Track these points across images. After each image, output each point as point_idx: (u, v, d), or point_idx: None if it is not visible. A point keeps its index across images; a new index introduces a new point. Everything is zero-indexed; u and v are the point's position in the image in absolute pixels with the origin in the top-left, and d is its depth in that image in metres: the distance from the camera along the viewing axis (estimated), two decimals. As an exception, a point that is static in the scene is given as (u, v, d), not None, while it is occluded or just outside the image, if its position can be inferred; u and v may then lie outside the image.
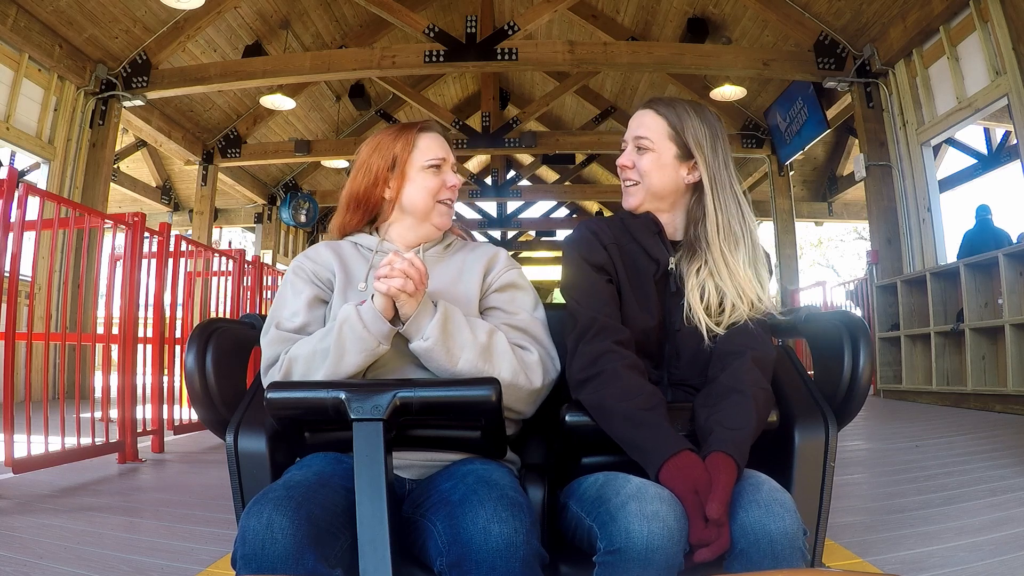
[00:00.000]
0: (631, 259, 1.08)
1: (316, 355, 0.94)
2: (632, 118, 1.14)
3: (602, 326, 1.00)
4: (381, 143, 1.12)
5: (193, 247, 3.84)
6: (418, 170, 1.10)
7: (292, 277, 1.08)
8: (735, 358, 0.98)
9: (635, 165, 1.10)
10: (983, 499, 1.98)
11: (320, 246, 1.12)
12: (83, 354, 4.70)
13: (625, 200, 1.12)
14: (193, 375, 1.02)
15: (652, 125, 1.10)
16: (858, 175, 5.95)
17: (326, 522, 0.78)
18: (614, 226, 1.12)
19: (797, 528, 0.80)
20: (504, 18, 7.27)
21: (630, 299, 1.05)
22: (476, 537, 0.77)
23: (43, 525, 1.81)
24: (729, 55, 6.15)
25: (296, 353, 0.97)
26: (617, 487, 0.84)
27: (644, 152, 1.09)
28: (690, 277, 1.06)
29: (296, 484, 0.82)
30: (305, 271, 1.08)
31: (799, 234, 9.16)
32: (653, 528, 0.77)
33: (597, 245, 1.07)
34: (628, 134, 1.12)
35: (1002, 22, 4.36)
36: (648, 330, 1.05)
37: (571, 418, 0.96)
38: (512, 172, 12.02)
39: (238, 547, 0.75)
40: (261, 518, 0.75)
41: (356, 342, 0.92)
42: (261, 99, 7.55)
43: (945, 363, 4.79)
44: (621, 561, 0.77)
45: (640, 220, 1.11)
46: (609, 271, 1.06)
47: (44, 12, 5.29)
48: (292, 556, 0.73)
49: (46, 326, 2.77)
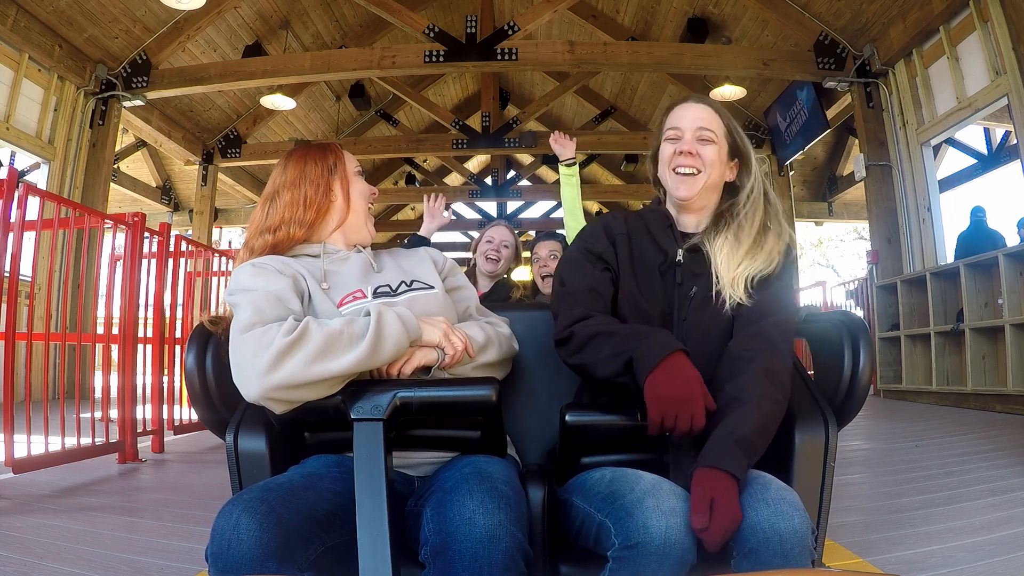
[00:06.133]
0: (639, 251, 1.10)
1: (341, 337, 0.88)
2: (681, 108, 1.14)
3: (581, 300, 1.04)
4: (307, 155, 1.14)
5: (193, 247, 3.84)
6: (353, 175, 1.16)
7: (250, 270, 1.00)
8: (744, 365, 0.96)
9: (698, 153, 1.10)
10: (983, 499, 1.98)
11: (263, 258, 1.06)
12: (83, 354, 4.70)
13: (681, 189, 1.10)
14: (193, 375, 1.02)
15: (713, 120, 1.12)
16: (858, 175, 5.95)
17: (298, 526, 0.78)
18: (631, 221, 1.14)
19: (806, 526, 0.81)
20: (504, 18, 7.27)
21: (633, 290, 1.07)
22: (461, 527, 0.77)
23: (43, 525, 1.81)
24: (729, 55, 6.15)
25: (315, 325, 0.88)
26: (630, 483, 0.85)
27: (707, 143, 1.10)
28: (715, 250, 1.07)
29: (275, 486, 0.82)
30: (264, 264, 1.02)
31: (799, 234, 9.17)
32: (671, 523, 0.78)
33: (602, 236, 1.11)
34: (684, 123, 1.12)
35: (1002, 22, 4.36)
36: (653, 319, 1.05)
37: (571, 418, 0.96)
38: (512, 172, 12.01)
39: (208, 543, 0.76)
40: (230, 518, 0.75)
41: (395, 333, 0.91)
42: (261, 99, 7.55)
43: (945, 363, 4.79)
44: (639, 556, 0.78)
45: (656, 214, 1.14)
46: (608, 260, 1.09)
47: (44, 12, 5.29)
48: (256, 558, 0.73)
49: (46, 326, 2.77)
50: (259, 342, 0.86)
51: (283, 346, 0.84)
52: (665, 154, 1.13)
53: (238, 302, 0.94)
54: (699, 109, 1.13)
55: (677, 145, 1.11)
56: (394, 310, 0.93)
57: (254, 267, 1.01)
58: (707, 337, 1.04)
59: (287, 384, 0.84)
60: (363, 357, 0.87)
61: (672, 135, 1.13)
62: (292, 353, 0.84)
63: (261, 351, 0.85)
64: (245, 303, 0.93)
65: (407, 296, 1.05)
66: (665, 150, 1.14)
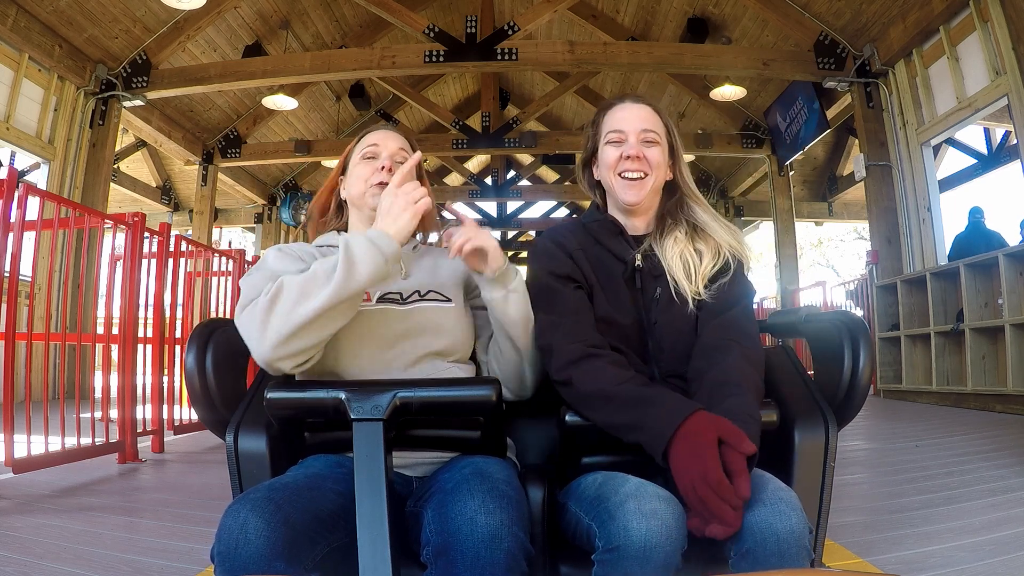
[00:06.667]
0: (599, 262, 1.08)
1: (316, 276, 0.89)
2: (621, 109, 1.12)
3: (573, 330, 1.00)
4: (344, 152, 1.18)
5: (193, 247, 3.84)
6: (355, 164, 1.14)
7: (277, 254, 1.04)
8: (722, 353, 0.97)
9: (644, 156, 1.08)
10: (983, 499, 1.98)
11: (292, 244, 1.12)
12: (83, 354, 4.70)
13: (630, 194, 1.08)
14: (193, 375, 1.02)
15: (654, 120, 1.11)
16: (858, 175, 5.95)
17: (305, 526, 0.78)
18: (577, 232, 1.12)
19: (803, 526, 0.80)
20: (504, 18, 7.26)
21: (604, 301, 1.05)
22: (463, 527, 0.77)
23: (43, 525, 1.81)
24: (729, 55, 6.15)
25: (288, 278, 0.90)
26: (615, 486, 0.84)
27: (652, 145, 1.09)
28: (666, 251, 1.07)
29: (281, 486, 0.82)
30: (291, 251, 1.06)
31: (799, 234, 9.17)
32: (652, 526, 0.77)
33: (561, 255, 1.07)
34: (627, 126, 1.09)
35: (1002, 22, 4.36)
36: (627, 328, 1.05)
37: (571, 418, 0.96)
38: (512, 172, 12.02)
39: (215, 543, 0.75)
40: (237, 518, 0.75)
41: (366, 252, 0.89)
42: (261, 99, 7.55)
43: (945, 363, 4.79)
44: (619, 559, 0.77)
45: (601, 223, 1.12)
46: (577, 278, 1.06)
47: (44, 12, 5.30)
48: (264, 558, 0.73)
49: (46, 326, 2.77)
50: (251, 314, 0.91)
51: (264, 307, 0.88)
52: (608, 158, 1.10)
53: (242, 285, 0.98)
54: (641, 109, 1.11)
55: (622, 148, 1.08)
56: (365, 233, 0.92)
57: (280, 251, 1.06)
58: (679, 336, 1.04)
59: (280, 339, 0.87)
60: (340, 285, 0.88)
61: (615, 138, 1.10)
62: (273, 309, 0.88)
63: (252, 320, 0.90)
64: (245, 285, 0.97)
65: (414, 307, 1.04)
66: (608, 154, 1.10)
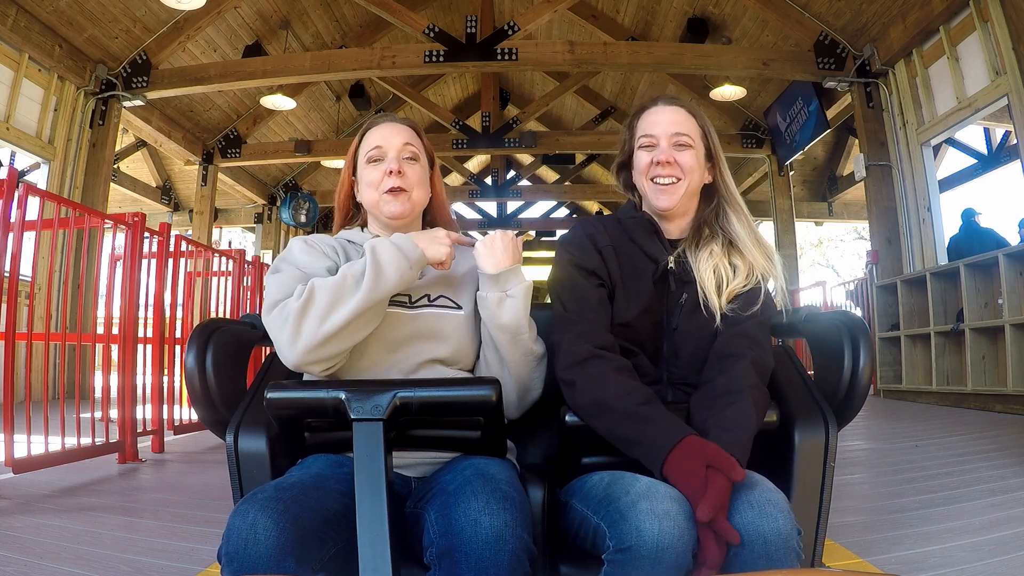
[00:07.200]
0: (628, 260, 1.07)
1: (346, 280, 0.92)
2: (654, 113, 1.10)
3: (584, 330, 0.99)
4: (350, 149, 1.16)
5: (193, 247, 3.84)
6: (363, 168, 1.12)
7: (303, 246, 1.05)
8: (735, 360, 0.97)
9: (676, 161, 1.06)
10: (983, 499, 1.98)
11: (318, 236, 1.12)
12: (83, 354, 4.70)
13: (662, 199, 1.06)
14: (193, 375, 1.02)
15: (687, 123, 1.08)
16: (858, 175, 5.95)
17: (313, 526, 0.78)
18: (611, 227, 1.11)
19: (790, 528, 0.79)
20: (504, 18, 7.27)
21: (626, 301, 1.05)
22: (467, 528, 0.77)
23: (43, 525, 1.81)
24: (729, 55, 6.15)
25: (320, 283, 0.93)
26: (626, 486, 0.84)
27: (684, 149, 1.07)
28: (699, 263, 1.06)
29: (288, 486, 0.82)
30: (316, 243, 1.07)
31: (799, 234, 9.17)
32: (664, 527, 0.77)
33: (591, 249, 1.06)
34: (658, 130, 1.07)
35: (1002, 22, 4.36)
36: (645, 329, 1.04)
37: (571, 418, 0.96)
38: (512, 172, 12.02)
39: (222, 544, 0.75)
40: (247, 518, 0.74)
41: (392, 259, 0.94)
42: (261, 99, 7.55)
43: (945, 363, 4.79)
44: (632, 559, 0.77)
45: (638, 220, 1.10)
46: (601, 275, 1.05)
47: (44, 12, 5.29)
48: (274, 558, 0.73)
49: (46, 326, 2.77)
50: (280, 316, 0.93)
51: (296, 312, 0.91)
52: (641, 163, 1.09)
53: (269, 281, 0.99)
54: (673, 112, 1.09)
55: (653, 154, 1.07)
56: (389, 238, 0.97)
57: (306, 243, 1.06)
58: (698, 345, 1.04)
59: (313, 345, 0.90)
60: (369, 292, 0.92)
61: (647, 142, 1.08)
62: (306, 315, 0.91)
63: (283, 324, 0.92)
64: (273, 283, 0.98)
65: (420, 311, 1.04)
66: (640, 159, 1.09)
